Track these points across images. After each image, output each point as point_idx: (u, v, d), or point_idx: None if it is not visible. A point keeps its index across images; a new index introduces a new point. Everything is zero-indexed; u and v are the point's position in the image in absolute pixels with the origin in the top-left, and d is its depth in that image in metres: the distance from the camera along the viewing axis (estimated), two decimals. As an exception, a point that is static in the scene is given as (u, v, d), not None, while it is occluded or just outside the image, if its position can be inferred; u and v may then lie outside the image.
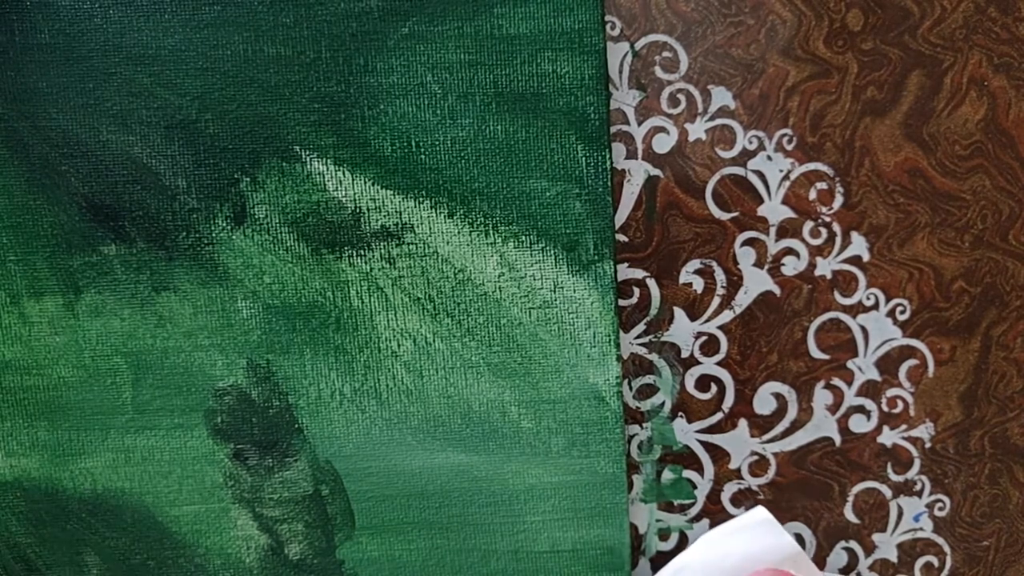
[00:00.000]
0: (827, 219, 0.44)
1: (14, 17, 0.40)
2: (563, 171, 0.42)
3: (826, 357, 0.45)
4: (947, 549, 0.48)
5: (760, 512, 0.45)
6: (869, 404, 0.46)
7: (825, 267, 0.45)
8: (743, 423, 0.46)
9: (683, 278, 0.45)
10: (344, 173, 0.42)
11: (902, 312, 0.45)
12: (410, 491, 0.45)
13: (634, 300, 0.45)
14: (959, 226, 0.44)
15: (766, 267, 0.45)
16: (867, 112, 0.43)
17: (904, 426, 0.46)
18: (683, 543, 0.47)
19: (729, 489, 0.47)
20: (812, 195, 0.44)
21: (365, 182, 0.42)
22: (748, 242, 0.44)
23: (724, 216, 0.44)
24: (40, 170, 0.42)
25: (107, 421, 0.44)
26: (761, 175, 0.44)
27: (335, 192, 0.42)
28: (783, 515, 0.47)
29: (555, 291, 0.43)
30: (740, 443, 0.46)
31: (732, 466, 0.46)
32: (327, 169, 0.42)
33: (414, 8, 0.41)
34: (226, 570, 0.46)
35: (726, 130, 0.43)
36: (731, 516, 0.47)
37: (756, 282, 0.45)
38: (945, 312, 0.45)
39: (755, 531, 0.45)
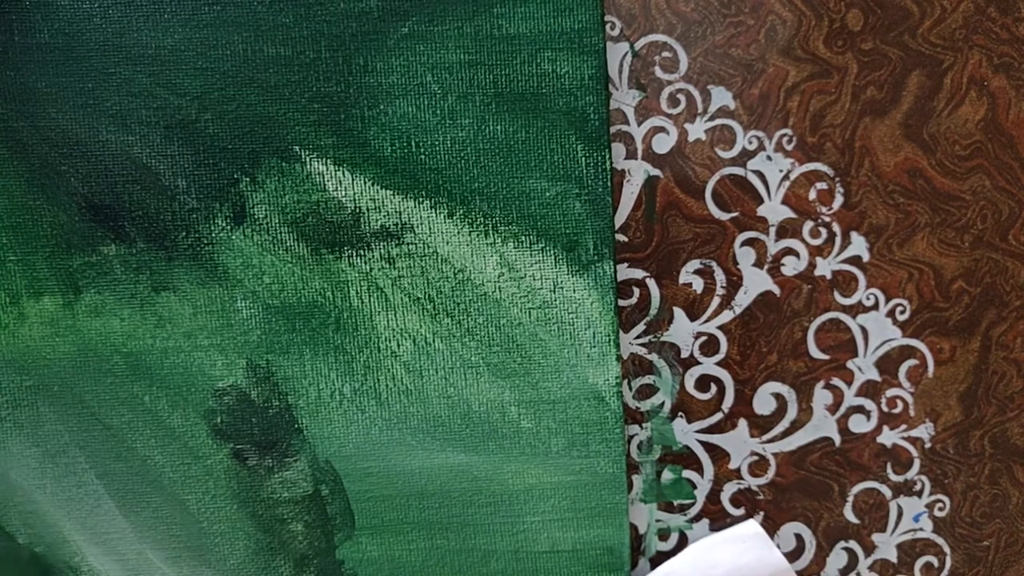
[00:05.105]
0: (827, 219, 0.44)
1: (14, 17, 0.40)
2: (563, 171, 0.42)
3: (826, 357, 0.45)
4: (947, 549, 0.48)
5: (751, 525, 0.46)
6: (869, 404, 0.46)
7: (825, 267, 0.45)
8: (743, 423, 0.46)
9: (683, 278, 0.45)
10: (344, 173, 0.42)
11: (902, 312, 0.45)
12: (410, 491, 0.45)
13: (634, 300, 0.45)
14: (959, 226, 0.44)
15: (766, 267, 0.45)
16: (867, 112, 0.43)
17: (904, 426, 0.46)
18: (683, 543, 0.47)
19: (729, 489, 0.47)
20: (812, 195, 0.44)
21: (365, 182, 0.42)
22: (748, 242, 0.44)
23: (724, 216, 0.44)
24: (40, 170, 0.42)
25: (107, 421, 0.44)
26: (761, 175, 0.44)
27: (335, 192, 0.42)
28: (783, 515, 0.47)
29: (555, 291, 0.43)
30: (740, 443, 0.46)
31: (732, 466, 0.46)
32: (327, 169, 0.42)
33: (414, 8, 0.41)
34: (226, 570, 0.46)
35: (726, 130, 0.43)
36: (731, 516, 0.47)
37: (756, 282, 0.45)
38: (945, 312, 0.45)
39: (745, 544, 0.45)
